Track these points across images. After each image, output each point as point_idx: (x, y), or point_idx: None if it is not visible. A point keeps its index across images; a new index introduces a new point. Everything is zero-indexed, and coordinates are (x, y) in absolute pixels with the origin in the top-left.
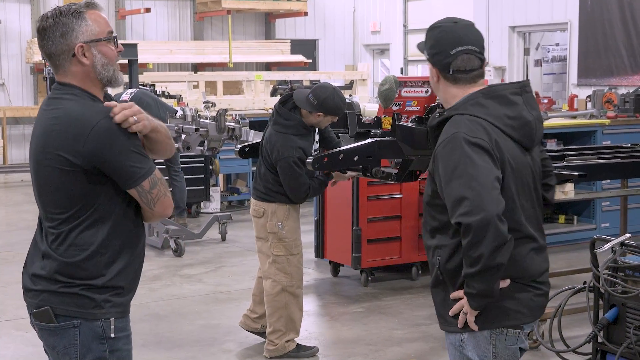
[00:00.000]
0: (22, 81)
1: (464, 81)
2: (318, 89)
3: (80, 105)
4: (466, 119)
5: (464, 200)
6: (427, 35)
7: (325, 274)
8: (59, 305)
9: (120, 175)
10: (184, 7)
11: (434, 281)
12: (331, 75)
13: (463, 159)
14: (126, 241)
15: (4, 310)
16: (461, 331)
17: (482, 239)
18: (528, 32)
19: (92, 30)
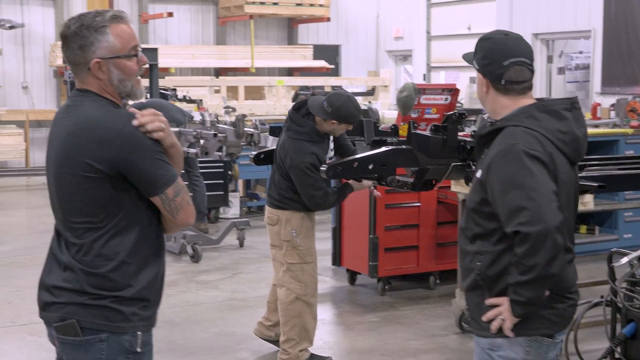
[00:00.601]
0: (45, 84)
1: (515, 92)
2: (333, 96)
3: (102, 111)
4: (522, 131)
5: (522, 210)
6: (478, 46)
7: (342, 282)
8: (85, 318)
9: (144, 182)
10: (207, 11)
11: (471, 285)
12: (353, 81)
13: (522, 170)
14: (152, 251)
15: (18, 315)
16: (494, 336)
17: (539, 248)
18: (551, 39)
19: (112, 47)
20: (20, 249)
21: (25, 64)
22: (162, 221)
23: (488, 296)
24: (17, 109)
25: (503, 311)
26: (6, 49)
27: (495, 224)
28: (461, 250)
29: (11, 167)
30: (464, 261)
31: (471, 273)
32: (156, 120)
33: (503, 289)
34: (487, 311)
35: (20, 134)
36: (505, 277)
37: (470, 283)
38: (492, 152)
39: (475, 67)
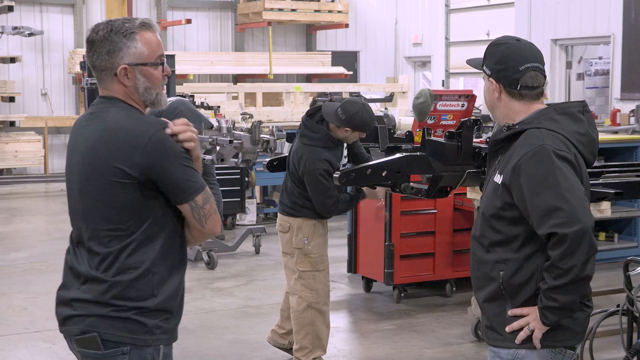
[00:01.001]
0: (64, 91)
1: (529, 98)
2: (347, 103)
3: (131, 117)
4: (546, 133)
5: (557, 211)
6: (489, 51)
7: (358, 290)
8: (108, 330)
9: (174, 189)
10: (225, 18)
11: (491, 295)
12: (370, 87)
13: (554, 171)
14: (175, 261)
15: (33, 322)
16: (518, 347)
17: (576, 250)
18: (570, 45)
19: (140, 54)
20: (36, 255)
21: (44, 71)
22: (187, 232)
23: (511, 306)
24: (36, 115)
25: (531, 321)
26: (25, 56)
27: (519, 229)
28: (477, 260)
29: (30, 174)
30: (480, 271)
31: (491, 283)
32: (188, 130)
33: (528, 298)
34: (510, 322)
35: (39, 140)
36: (530, 285)
37: (491, 293)
38: (517, 154)
39: (485, 73)
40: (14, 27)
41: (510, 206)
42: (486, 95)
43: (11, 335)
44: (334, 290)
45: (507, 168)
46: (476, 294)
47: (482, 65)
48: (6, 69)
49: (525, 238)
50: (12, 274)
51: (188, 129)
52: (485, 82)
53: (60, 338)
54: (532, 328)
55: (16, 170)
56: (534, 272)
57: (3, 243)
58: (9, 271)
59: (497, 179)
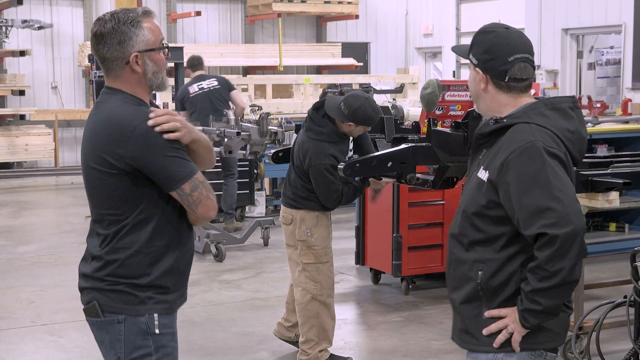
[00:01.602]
0: (74, 84)
1: (517, 90)
2: (350, 98)
3: (122, 109)
4: (536, 128)
5: (547, 211)
6: (478, 39)
7: (366, 282)
8: (105, 301)
9: (160, 178)
10: (235, 10)
11: (468, 297)
12: (381, 78)
13: (545, 169)
14: (171, 243)
15: (40, 315)
16: (496, 351)
17: (566, 252)
18: (581, 34)
19: (147, 40)
20: (45, 248)
21: (54, 64)
22: (187, 214)
23: (487, 308)
24: (46, 109)
25: (510, 323)
26: (35, 49)
27: (502, 229)
28: (455, 259)
29: (40, 167)
30: (458, 271)
31: (468, 283)
32: (172, 120)
33: (505, 300)
34: (487, 324)
35: (50, 133)
36: (509, 287)
37: (468, 294)
38: (505, 150)
39: (472, 62)
40: (24, 20)
41: (495, 204)
42: (471, 86)
43: (18, 328)
44: (342, 282)
45: (494, 164)
46: (451, 294)
47: (468, 53)
48: (16, 63)
49: (508, 238)
50: (21, 267)
51: (171, 119)
52: (471, 72)
53: (66, 331)
54: (511, 331)
55: (27, 163)
56: (514, 273)
57: (12, 236)
58: (17, 264)
59: (482, 175)
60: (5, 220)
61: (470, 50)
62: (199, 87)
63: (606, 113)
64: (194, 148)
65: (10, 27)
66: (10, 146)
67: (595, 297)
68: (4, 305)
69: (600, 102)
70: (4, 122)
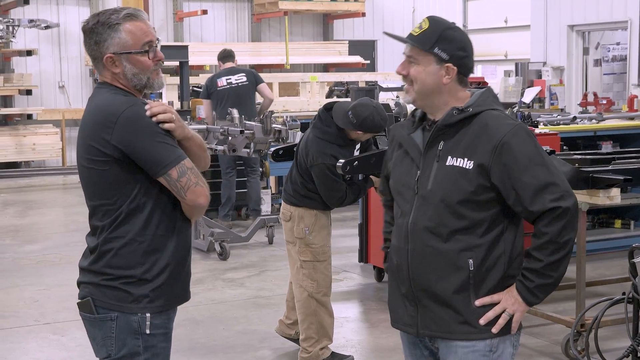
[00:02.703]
0: (81, 83)
1: (468, 84)
2: (358, 107)
3: (110, 98)
4: (504, 114)
5: (551, 186)
6: (448, 34)
7: (369, 279)
8: (99, 297)
9: (147, 163)
10: (242, 8)
11: (459, 286)
12: (387, 76)
13: (538, 148)
14: (165, 232)
15: (43, 314)
16: (493, 337)
17: (574, 223)
18: (587, 31)
19: (124, 43)
20: (50, 247)
21: (61, 64)
22: (182, 205)
23: (475, 296)
24: (53, 108)
25: (507, 306)
26: (42, 48)
27: (485, 214)
28: (430, 252)
29: (48, 166)
30: (437, 263)
31: (457, 273)
32: (168, 111)
33: (494, 285)
34: (479, 312)
35: (57, 133)
36: (496, 271)
37: (459, 284)
38: (490, 135)
39: (439, 56)
40: (30, 20)
41: (484, 189)
42: (427, 80)
43: (21, 327)
44: (346, 280)
45: (480, 150)
46: (435, 287)
47: (431, 46)
48: (23, 62)
49: (489, 223)
50: (25, 266)
51: (167, 110)
52: (431, 66)
53: (69, 330)
54: (512, 312)
55: (34, 163)
56: (500, 256)
57: (18, 235)
58: (22, 263)
59: (461, 164)
60: (12, 219)
61: (434, 44)
62: (227, 82)
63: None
64: (187, 146)
65: (17, 26)
66: (17, 145)
67: (599, 294)
68: (8, 304)
69: (606, 99)
70: (11, 121)
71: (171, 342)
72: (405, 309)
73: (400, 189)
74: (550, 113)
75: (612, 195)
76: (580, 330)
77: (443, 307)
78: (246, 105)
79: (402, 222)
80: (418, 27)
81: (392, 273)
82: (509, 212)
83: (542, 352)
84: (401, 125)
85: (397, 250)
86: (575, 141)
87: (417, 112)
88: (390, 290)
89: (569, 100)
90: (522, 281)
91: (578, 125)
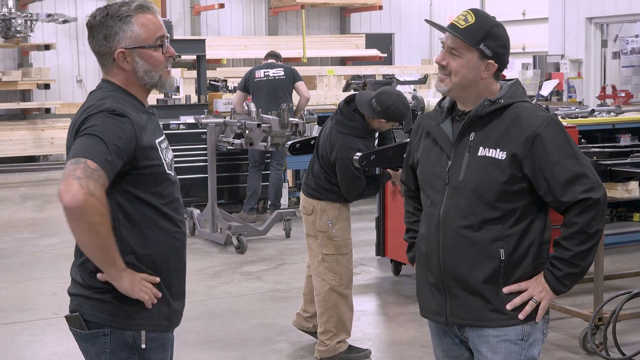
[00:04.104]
0: (98, 77)
1: (499, 79)
2: (382, 94)
3: (100, 98)
4: (534, 106)
5: (582, 177)
6: (494, 32)
7: (387, 273)
8: (90, 311)
9: None
10: (259, 2)
11: (489, 275)
12: (404, 69)
13: (569, 139)
14: (153, 234)
15: (61, 306)
16: (522, 323)
17: (604, 213)
18: (605, 23)
19: (137, 37)
20: (68, 241)
21: (79, 58)
22: None
23: (503, 284)
24: (71, 102)
25: (535, 294)
26: (60, 43)
27: (516, 204)
28: (463, 241)
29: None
30: (469, 252)
31: (488, 262)
32: None
33: (525, 273)
34: (508, 299)
35: None
36: (527, 260)
37: (489, 273)
38: (523, 126)
39: (483, 52)
40: (48, 14)
41: (517, 179)
42: (467, 73)
43: (40, 320)
44: (363, 273)
45: (514, 141)
46: (467, 275)
47: (479, 42)
48: (41, 56)
49: (521, 213)
50: (44, 259)
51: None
52: (473, 60)
53: None
54: (539, 300)
55: (52, 156)
56: (531, 246)
57: (36, 229)
58: (40, 256)
59: (493, 154)
60: (30, 213)
61: (481, 40)
62: (264, 74)
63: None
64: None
65: (36, 21)
66: (36, 139)
67: (617, 287)
68: (27, 297)
69: (624, 92)
70: (29, 115)
71: (172, 348)
72: (434, 298)
73: (430, 179)
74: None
75: (631, 188)
76: (598, 324)
77: (473, 295)
78: (281, 99)
79: (433, 212)
80: (463, 20)
81: (420, 262)
82: (539, 201)
83: (559, 346)
84: (428, 116)
85: (427, 239)
86: (593, 134)
87: (444, 102)
88: (417, 280)
89: (587, 93)
90: (551, 270)
91: (596, 118)
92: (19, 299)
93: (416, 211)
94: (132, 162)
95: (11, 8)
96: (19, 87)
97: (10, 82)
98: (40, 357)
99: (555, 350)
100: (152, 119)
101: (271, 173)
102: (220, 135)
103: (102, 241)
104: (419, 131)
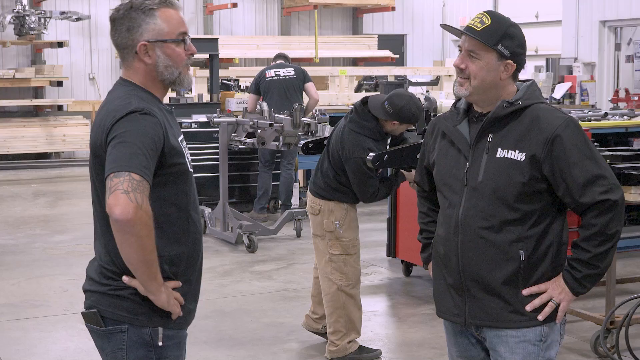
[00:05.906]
0: (111, 75)
1: (516, 79)
2: (394, 96)
3: (121, 99)
4: (552, 107)
5: (601, 179)
6: (511, 32)
7: (397, 274)
8: (107, 308)
9: (107, 162)
10: (271, 2)
11: (509, 277)
12: (416, 70)
13: (587, 140)
14: (172, 237)
15: (73, 303)
16: (541, 324)
17: (622, 215)
18: (619, 26)
19: (160, 30)
20: (80, 238)
21: (92, 56)
22: None
23: (522, 286)
24: (83, 99)
25: (555, 295)
26: (73, 41)
27: (535, 206)
28: (483, 243)
29: (78, 157)
30: (489, 253)
31: (508, 263)
32: None
33: (541, 276)
34: (528, 301)
35: (87, 124)
36: (545, 262)
37: (509, 274)
38: (543, 127)
39: (501, 53)
40: (62, 12)
41: (536, 180)
42: (486, 75)
43: (51, 316)
44: (373, 274)
45: (533, 142)
46: (487, 276)
47: (496, 43)
48: (54, 54)
49: (539, 214)
50: (55, 255)
51: None
52: (492, 62)
53: None
54: (558, 301)
55: (64, 154)
56: (550, 247)
57: (48, 225)
58: (52, 253)
59: (512, 156)
60: (42, 209)
61: (499, 41)
62: (275, 74)
63: None
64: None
65: (49, 18)
66: (48, 136)
67: (630, 291)
68: (38, 293)
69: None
70: (42, 112)
71: (185, 348)
72: (452, 299)
73: (448, 180)
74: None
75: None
76: (610, 328)
77: (493, 296)
78: (292, 99)
79: (452, 213)
80: (479, 22)
81: (437, 263)
82: (557, 203)
83: (571, 349)
84: (444, 117)
85: (445, 240)
86: (606, 137)
87: (460, 104)
88: (435, 281)
89: (600, 96)
90: (570, 271)
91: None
92: (31, 295)
93: (430, 212)
94: (160, 161)
95: (25, 5)
96: (31, 84)
97: (23, 79)
98: (52, 353)
99: (567, 354)
100: (172, 117)
101: (282, 173)
102: (233, 134)
103: (147, 255)
104: (434, 132)
